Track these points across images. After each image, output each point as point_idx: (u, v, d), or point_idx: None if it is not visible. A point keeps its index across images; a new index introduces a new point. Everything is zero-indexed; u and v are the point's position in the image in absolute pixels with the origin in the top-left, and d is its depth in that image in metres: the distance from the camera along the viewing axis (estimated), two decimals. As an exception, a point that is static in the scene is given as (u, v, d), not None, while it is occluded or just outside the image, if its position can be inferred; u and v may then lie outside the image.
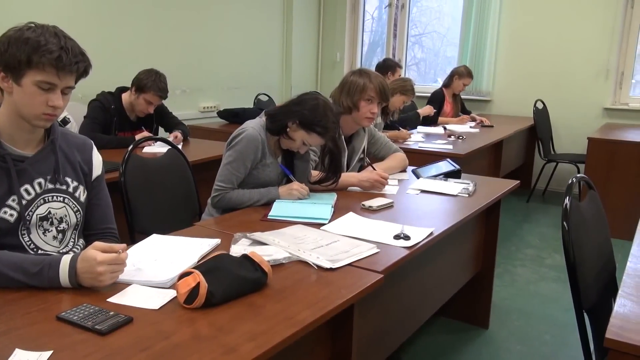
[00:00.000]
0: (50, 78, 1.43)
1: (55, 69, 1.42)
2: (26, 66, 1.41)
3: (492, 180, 2.90)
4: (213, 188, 2.22)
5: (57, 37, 1.43)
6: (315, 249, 1.68)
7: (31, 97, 1.44)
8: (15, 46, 1.40)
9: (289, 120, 2.18)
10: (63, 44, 1.42)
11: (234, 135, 2.22)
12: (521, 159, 5.69)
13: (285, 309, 1.31)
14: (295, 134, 2.19)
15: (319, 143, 2.25)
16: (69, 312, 1.22)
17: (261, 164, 2.24)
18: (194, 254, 1.59)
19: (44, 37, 1.41)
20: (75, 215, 1.64)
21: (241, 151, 2.18)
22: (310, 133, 2.17)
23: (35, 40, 1.40)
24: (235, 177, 2.19)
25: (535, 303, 3.19)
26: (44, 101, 1.45)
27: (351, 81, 2.57)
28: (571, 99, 5.63)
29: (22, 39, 1.41)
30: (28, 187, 1.53)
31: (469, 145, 4.02)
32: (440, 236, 1.93)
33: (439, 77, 6.81)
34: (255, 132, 2.19)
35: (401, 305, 2.04)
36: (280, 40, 6.52)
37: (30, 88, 1.43)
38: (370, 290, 1.48)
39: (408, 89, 4.24)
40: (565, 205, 1.57)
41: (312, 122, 2.15)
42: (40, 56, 1.40)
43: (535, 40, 5.74)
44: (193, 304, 1.28)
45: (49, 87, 1.44)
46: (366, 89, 2.55)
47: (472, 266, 2.73)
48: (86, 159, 1.68)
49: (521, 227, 4.67)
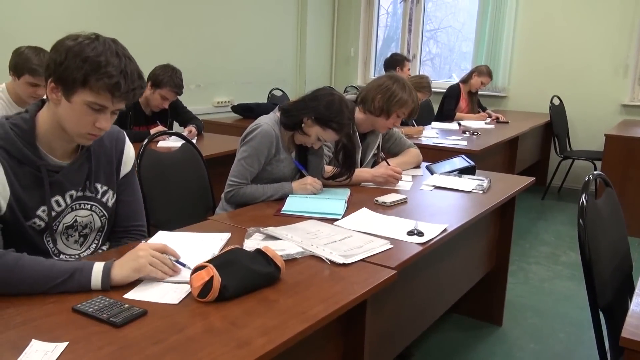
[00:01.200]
0: (103, 101, 1.38)
1: (111, 94, 1.37)
2: (80, 85, 1.36)
3: (507, 177, 2.88)
4: (226, 183, 2.23)
5: (118, 57, 1.37)
6: (329, 244, 1.68)
7: (79, 115, 1.40)
8: (72, 61, 1.34)
9: (304, 116, 2.18)
10: (123, 66, 1.36)
11: (248, 131, 2.22)
12: (537, 156, 5.64)
13: (298, 303, 1.31)
14: (310, 129, 2.19)
15: (334, 139, 2.25)
16: (85, 304, 1.23)
17: (275, 160, 2.24)
18: (210, 250, 1.59)
19: (105, 56, 1.35)
20: (100, 220, 1.64)
21: (255, 147, 2.18)
22: (326, 129, 2.17)
23: (95, 60, 1.34)
24: (249, 172, 2.19)
25: (550, 301, 3.17)
26: (92, 121, 1.41)
27: (395, 90, 2.53)
28: (588, 95, 5.56)
29: (82, 55, 1.34)
30: (59, 199, 1.52)
31: (484, 141, 3.99)
32: (454, 233, 1.93)
33: (453, 73, 6.77)
34: (269, 127, 2.19)
35: (414, 301, 2.03)
36: (294, 35, 6.52)
37: (80, 107, 1.38)
38: (383, 286, 1.48)
39: (424, 86, 4.22)
40: (582, 203, 1.55)
41: (327, 118, 2.14)
42: (98, 79, 1.34)
43: (552, 35, 5.68)
44: (207, 297, 1.28)
45: (100, 109, 1.40)
46: (406, 106, 2.54)
47: (485, 263, 2.72)
48: (118, 152, 1.66)
49: (536, 224, 4.64)
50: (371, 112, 2.56)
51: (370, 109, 2.56)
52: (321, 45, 6.86)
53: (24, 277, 1.27)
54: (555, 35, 5.66)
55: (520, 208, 3.57)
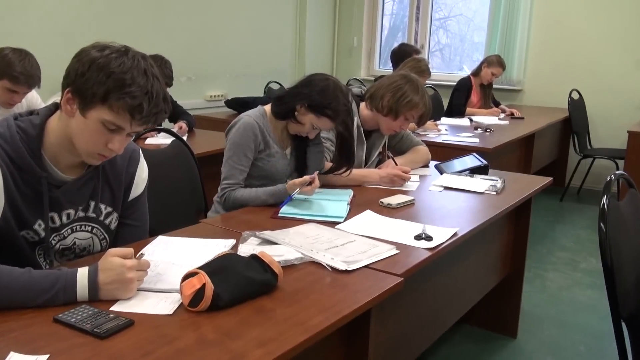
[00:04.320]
0: (121, 122, 1.37)
1: (131, 116, 1.35)
2: (100, 102, 1.34)
3: (523, 177, 2.88)
4: (219, 187, 2.24)
5: (146, 76, 1.36)
6: (330, 249, 1.68)
7: (92, 133, 1.38)
8: (95, 74, 1.33)
9: (297, 103, 2.18)
10: (149, 87, 1.35)
11: (229, 128, 2.25)
12: (554, 154, 5.64)
13: (296, 313, 1.31)
14: (303, 117, 2.20)
15: (329, 127, 2.25)
16: (67, 314, 1.23)
17: (265, 154, 2.25)
18: (208, 256, 1.58)
19: (131, 74, 1.34)
20: (100, 244, 1.63)
21: (238, 142, 2.19)
22: (320, 117, 2.17)
23: (120, 77, 1.33)
24: (239, 170, 2.20)
25: (569, 311, 3.17)
26: (105, 142, 1.40)
27: (406, 91, 2.53)
28: (610, 89, 5.56)
29: (106, 70, 1.33)
30: (54, 216, 1.51)
31: (498, 138, 3.99)
32: (465, 237, 1.93)
33: (465, 65, 6.77)
34: (250, 119, 2.21)
35: (422, 311, 2.03)
36: (293, 24, 6.52)
37: (94, 124, 1.37)
38: (388, 295, 1.48)
39: (423, 70, 4.17)
40: (603, 205, 1.55)
41: (322, 105, 2.15)
42: (119, 98, 1.33)
43: (571, 24, 5.68)
44: (198, 306, 1.28)
45: (115, 129, 1.38)
46: (416, 109, 2.54)
47: (499, 270, 2.72)
48: (130, 173, 1.64)
49: (554, 228, 4.64)
50: (378, 110, 2.57)
51: (377, 107, 2.56)
52: (322, 34, 6.86)
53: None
54: (575, 24, 5.66)
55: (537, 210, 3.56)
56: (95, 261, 1.35)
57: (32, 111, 1.51)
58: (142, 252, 1.38)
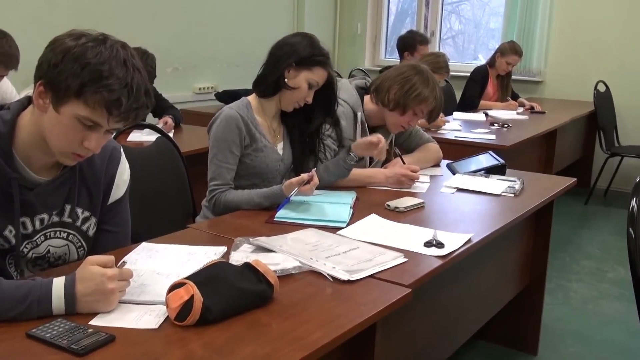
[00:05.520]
0: (97, 118, 1.36)
1: (108, 111, 1.35)
2: (74, 95, 1.33)
3: (544, 178, 2.88)
4: (208, 190, 2.24)
5: (125, 67, 1.35)
6: (331, 257, 1.68)
7: (66, 130, 1.38)
8: (69, 65, 1.32)
9: (284, 68, 2.22)
10: (129, 80, 1.34)
11: (210, 124, 2.27)
12: (578, 152, 5.65)
13: (294, 328, 1.31)
14: (296, 80, 2.23)
15: (325, 77, 2.27)
16: (41, 329, 1.23)
17: (252, 149, 2.26)
18: (197, 266, 1.58)
19: (109, 65, 1.33)
20: (77, 252, 1.63)
21: (221, 137, 2.21)
22: (313, 67, 2.22)
23: (96, 68, 1.32)
24: (226, 169, 2.21)
25: (594, 325, 3.17)
26: (80, 139, 1.39)
27: (415, 83, 2.53)
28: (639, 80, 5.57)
29: (81, 60, 1.32)
30: (26, 222, 1.51)
31: (516, 135, 4.00)
32: (480, 244, 1.93)
33: (479, 54, 6.77)
34: (231, 111, 2.24)
35: (433, 325, 2.03)
36: (290, 9, 6.52)
37: (68, 120, 1.36)
38: (395, 307, 1.48)
39: (441, 67, 4.20)
40: (632, 208, 1.55)
41: (310, 55, 2.22)
42: (95, 92, 1.32)
43: (597, 9, 5.68)
44: (186, 320, 1.28)
45: (92, 126, 1.38)
46: (425, 103, 2.54)
47: (518, 280, 2.72)
48: (110, 174, 1.64)
49: (578, 234, 4.64)
50: (384, 105, 2.57)
51: (383, 101, 2.56)
52: (322, 20, 6.86)
53: None
54: (601, 8, 5.67)
55: (559, 214, 3.56)
56: (72, 271, 1.35)
57: (3, 106, 1.51)
58: (124, 260, 1.37)
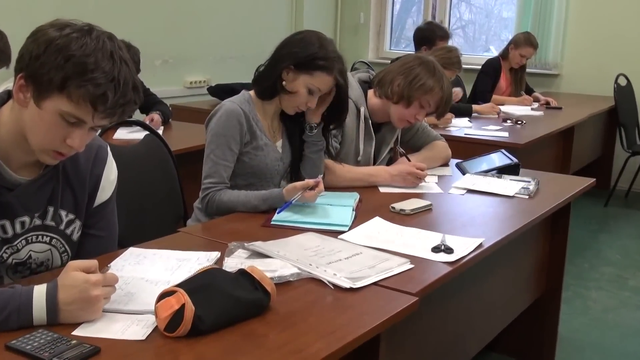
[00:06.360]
0: (81, 114, 1.36)
1: (93, 107, 1.34)
2: (57, 90, 1.33)
3: (560, 178, 2.88)
4: (201, 188, 2.24)
5: (112, 60, 1.35)
6: (332, 263, 1.68)
7: (48, 127, 1.38)
8: (52, 57, 1.32)
9: (281, 70, 2.20)
10: (116, 73, 1.34)
11: (209, 118, 2.26)
12: (598, 151, 5.65)
13: (292, 339, 1.31)
14: (294, 83, 2.21)
15: (329, 83, 2.24)
16: (22, 340, 1.23)
17: (251, 147, 2.26)
18: (188, 273, 1.58)
19: (95, 57, 1.33)
20: (60, 257, 1.63)
21: (221, 133, 2.20)
22: (314, 72, 2.19)
23: (81, 61, 1.32)
24: (223, 167, 2.20)
25: (615, 336, 3.17)
26: (62, 137, 1.39)
27: (419, 73, 2.53)
28: (664, 73, 5.57)
29: (65, 52, 1.32)
30: (6, 225, 1.51)
31: (531, 132, 4.00)
32: (492, 249, 1.93)
33: (491, 45, 6.77)
34: (233, 105, 2.23)
35: (441, 336, 2.03)
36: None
37: (51, 116, 1.36)
38: (401, 317, 1.49)
39: (453, 62, 4.19)
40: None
41: (310, 57, 2.18)
42: (80, 86, 1.32)
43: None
44: (176, 331, 1.28)
45: (75, 122, 1.38)
46: (431, 94, 2.53)
47: (533, 288, 2.72)
48: (96, 174, 1.64)
49: (597, 238, 4.64)
50: (388, 98, 2.57)
51: (387, 93, 2.56)
52: (322, 9, 6.86)
53: None
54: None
55: (577, 217, 3.57)
56: (55, 277, 1.35)
57: None
58: (110, 265, 1.37)
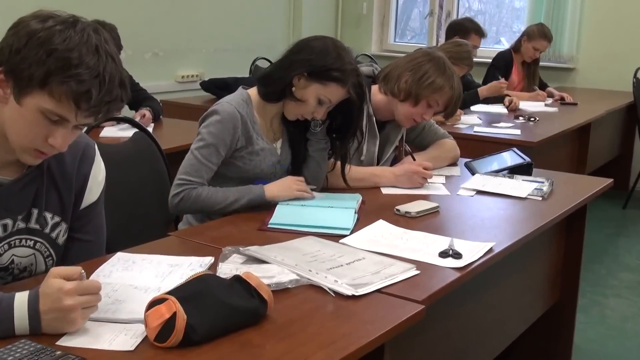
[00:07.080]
0: (64, 112, 1.36)
1: (76, 104, 1.34)
2: (38, 86, 1.33)
3: (576, 178, 2.88)
4: (174, 183, 2.21)
5: (97, 55, 1.34)
6: (333, 269, 1.68)
7: (28, 125, 1.38)
8: (33, 51, 1.32)
9: (294, 75, 2.19)
10: (101, 69, 1.34)
11: (205, 115, 2.26)
12: (615, 150, 5.65)
13: (291, 349, 1.31)
14: (305, 91, 2.20)
15: (341, 95, 2.22)
16: (3, 351, 1.23)
17: (246, 152, 2.25)
18: (180, 279, 1.58)
19: (79, 52, 1.32)
20: (45, 262, 1.63)
21: (213, 133, 2.20)
22: (327, 83, 2.18)
23: (64, 55, 1.31)
24: (206, 168, 2.19)
25: (634, 347, 3.17)
26: (44, 135, 1.39)
27: (428, 70, 2.53)
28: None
29: (47, 46, 1.32)
30: None
31: (544, 129, 4.00)
32: (503, 254, 1.93)
33: (502, 37, 6.78)
34: (231, 107, 2.22)
35: (448, 347, 2.03)
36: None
37: (31, 114, 1.36)
38: (406, 326, 1.48)
39: (464, 57, 4.16)
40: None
41: (326, 67, 2.16)
42: (62, 82, 1.32)
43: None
44: (167, 341, 1.28)
45: (58, 120, 1.38)
46: (440, 92, 2.53)
47: (546, 296, 2.72)
48: (82, 174, 1.64)
49: (615, 242, 4.64)
50: (394, 95, 2.56)
51: (393, 90, 2.56)
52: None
53: None
54: (641, -15, 5.67)
55: (594, 220, 3.56)
56: (39, 284, 1.34)
57: None
58: (83, 272, 1.33)
